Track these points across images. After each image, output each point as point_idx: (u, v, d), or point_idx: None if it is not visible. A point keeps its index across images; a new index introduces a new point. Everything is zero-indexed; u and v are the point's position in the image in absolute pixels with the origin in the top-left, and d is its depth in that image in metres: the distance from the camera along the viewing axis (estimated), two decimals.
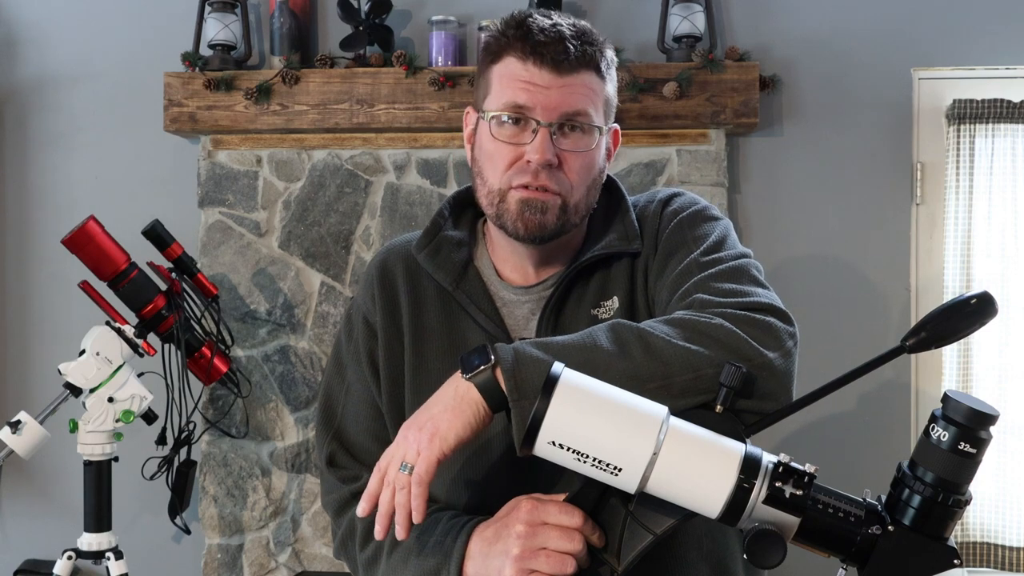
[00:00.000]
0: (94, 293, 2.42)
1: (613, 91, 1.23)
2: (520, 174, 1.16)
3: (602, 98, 1.19)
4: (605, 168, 1.24)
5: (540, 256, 1.24)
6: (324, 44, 2.94)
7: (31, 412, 2.34)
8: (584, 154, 1.17)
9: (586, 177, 1.19)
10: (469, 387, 1.00)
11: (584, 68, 1.16)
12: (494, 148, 1.18)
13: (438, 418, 1.00)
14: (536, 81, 1.15)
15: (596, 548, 1.00)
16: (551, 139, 1.15)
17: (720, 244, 1.18)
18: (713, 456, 0.89)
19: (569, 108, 1.15)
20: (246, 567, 2.85)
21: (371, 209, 2.84)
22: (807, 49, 2.85)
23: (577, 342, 1.03)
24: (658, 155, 2.78)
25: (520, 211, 1.17)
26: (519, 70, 1.16)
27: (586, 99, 1.16)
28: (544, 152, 1.14)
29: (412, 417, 1.03)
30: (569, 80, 1.15)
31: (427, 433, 0.99)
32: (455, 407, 1.00)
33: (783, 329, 1.04)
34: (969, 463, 0.86)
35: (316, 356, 2.86)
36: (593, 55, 1.17)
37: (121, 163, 3.02)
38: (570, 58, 1.14)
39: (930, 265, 2.82)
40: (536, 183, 1.16)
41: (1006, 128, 2.72)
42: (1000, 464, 2.72)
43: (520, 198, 1.17)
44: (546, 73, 1.15)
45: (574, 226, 1.21)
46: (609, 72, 1.21)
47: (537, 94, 1.15)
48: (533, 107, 1.15)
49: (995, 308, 0.89)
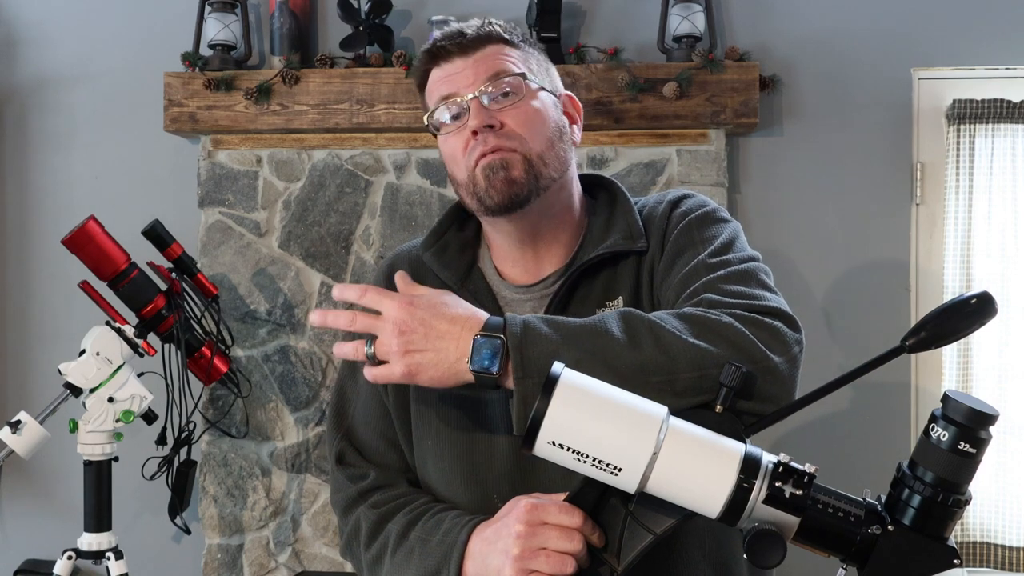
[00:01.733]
0: (94, 293, 2.42)
1: (540, 63, 1.27)
2: (473, 150, 1.19)
3: (522, 60, 1.23)
4: (566, 126, 1.26)
5: (531, 239, 1.24)
6: (324, 44, 2.95)
7: (31, 412, 2.34)
8: (521, 105, 1.20)
9: (538, 127, 1.21)
10: (466, 371, 1.02)
11: (489, 42, 1.22)
12: (448, 145, 1.23)
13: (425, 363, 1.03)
14: (450, 72, 1.21)
15: (596, 548, 1.00)
16: (483, 107, 1.19)
17: (729, 246, 1.18)
18: (713, 456, 0.89)
19: (487, 73, 1.20)
20: (246, 567, 2.85)
21: (371, 209, 2.84)
22: (807, 49, 2.85)
23: (588, 326, 1.03)
24: (658, 155, 2.78)
25: (487, 179, 1.19)
26: (436, 74, 1.24)
27: (501, 60, 1.21)
28: (479, 116, 1.18)
29: (415, 307, 1.05)
30: (477, 55, 1.21)
31: (407, 361, 1.03)
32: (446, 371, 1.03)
33: (790, 335, 1.05)
34: (969, 463, 0.86)
35: (316, 356, 2.86)
36: (493, 30, 1.23)
37: (121, 163, 3.02)
38: (470, 40, 1.21)
39: (930, 265, 2.82)
40: (487, 148, 1.18)
41: (1006, 128, 2.72)
42: (1000, 464, 2.72)
43: (483, 165, 1.19)
44: (456, 59, 1.22)
45: (551, 180, 1.21)
46: (525, 46, 1.25)
47: (455, 79, 1.21)
48: (456, 91, 1.20)
49: (995, 308, 0.89)
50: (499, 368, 1.00)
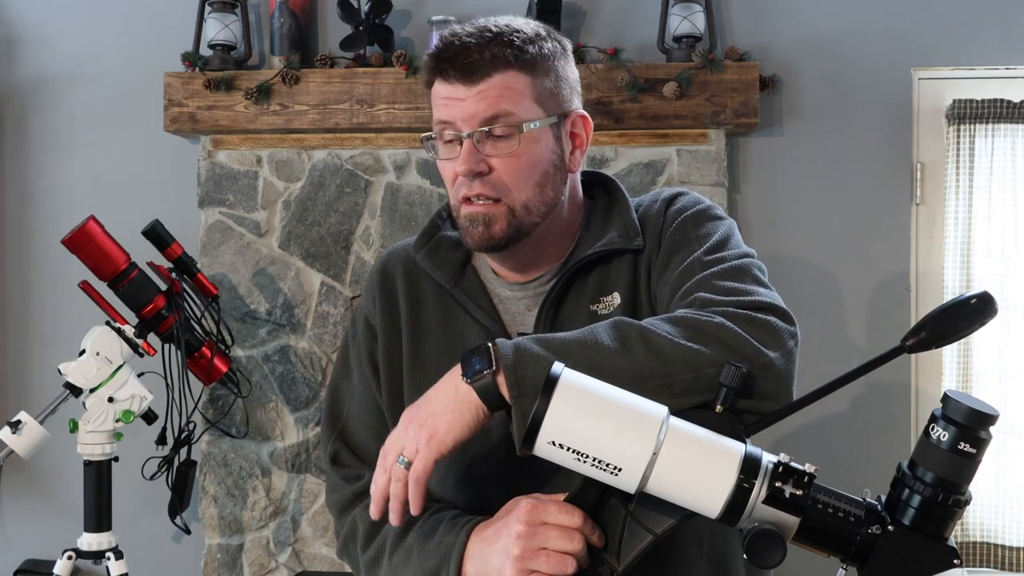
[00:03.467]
0: (94, 293, 2.42)
1: (557, 80, 1.20)
2: (460, 187, 1.18)
3: (530, 92, 1.17)
4: (562, 159, 1.22)
5: (518, 260, 1.24)
6: (324, 44, 2.95)
7: (31, 412, 2.34)
8: (514, 156, 1.16)
9: (526, 176, 1.18)
10: (469, 391, 1.00)
11: (495, 71, 1.15)
12: (440, 167, 1.22)
13: (438, 418, 1.00)
14: (452, 95, 1.17)
15: (596, 548, 1.00)
16: (475, 147, 1.16)
17: (723, 243, 1.18)
18: (713, 456, 0.89)
19: (485, 114, 1.15)
20: (246, 567, 2.85)
21: (371, 209, 2.84)
22: (807, 49, 2.85)
23: (578, 339, 1.03)
24: (658, 155, 2.78)
25: (467, 227, 1.19)
26: (440, 89, 1.18)
27: (504, 100, 1.15)
28: (467, 162, 1.16)
29: (414, 408, 1.04)
30: (480, 87, 1.15)
31: (426, 432, 1.00)
32: (455, 409, 1.00)
33: (784, 329, 1.04)
34: (969, 463, 0.86)
35: (316, 356, 2.86)
36: (503, 54, 1.15)
37: (121, 163, 3.02)
38: (475, 66, 1.15)
39: (930, 265, 2.82)
40: (471, 193, 1.17)
41: (1006, 128, 2.72)
42: (1000, 464, 2.72)
43: (465, 214, 1.19)
44: (459, 85, 1.16)
45: (534, 226, 1.20)
46: (540, 64, 1.18)
47: (455, 108, 1.16)
48: (453, 120, 1.17)
49: (995, 308, 0.89)
50: (492, 367, 1.00)
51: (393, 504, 1.02)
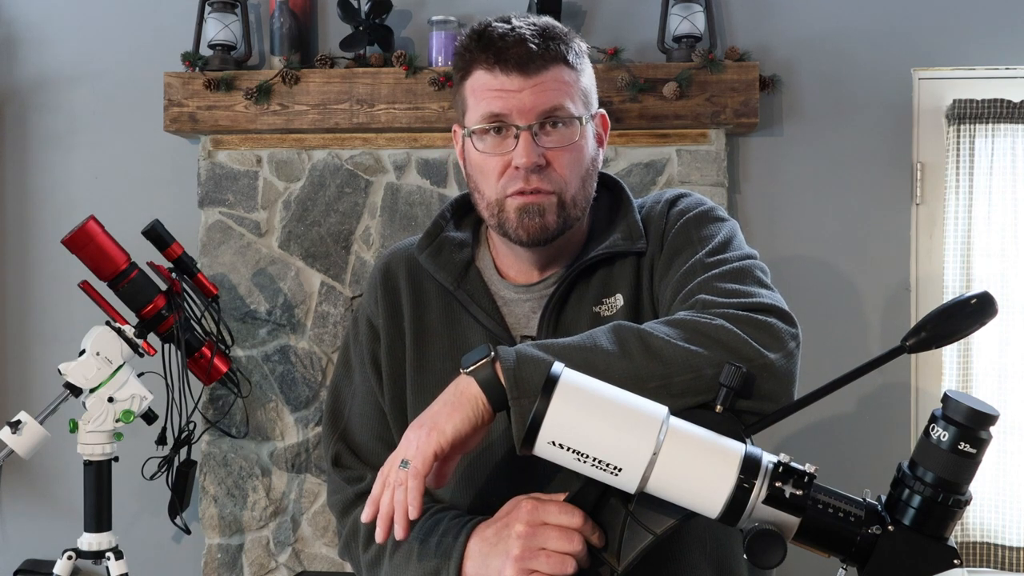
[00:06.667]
0: (94, 293, 2.42)
1: (589, 80, 1.24)
2: (512, 181, 1.17)
3: (577, 88, 1.20)
4: (598, 156, 1.25)
5: (544, 257, 1.25)
6: (324, 44, 2.94)
7: (31, 412, 2.34)
8: (570, 148, 1.18)
9: (578, 170, 1.20)
10: (469, 382, 1.00)
11: (552, 64, 1.17)
12: (482, 161, 1.19)
13: (437, 414, 1.00)
14: (507, 87, 1.16)
15: (596, 548, 1.00)
16: (534, 140, 1.16)
17: (726, 245, 1.18)
18: (713, 456, 0.89)
19: (545, 106, 1.16)
20: (246, 567, 2.85)
21: (371, 209, 2.84)
22: (807, 49, 2.85)
23: (578, 343, 1.03)
24: (658, 155, 2.78)
25: (519, 218, 1.18)
26: (489, 80, 1.17)
27: (560, 93, 1.17)
28: (529, 155, 1.15)
29: (415, 419, 1.04)
30: (539, 79, 1.16)
31: (425, 429, 1.00)
32: (454, 402, 1.00)
33: (785, 330, 1.04)
34: (969, 463, 0.86)
35: (316, 356, 2.86)
36: (558, 49, 1.18)
37: (121, 163, 3.02)
38: (534, 57, 1.16)
39: (930, 265, 2.82)
40: (529, 187, 1.17)
41: (1006, 128, 2.72)
42: (1000, 464, 2.72)
43: (517, 205, 1.18)
44: (515, 77, 1.16)
45: (576, 220, 1.22)
46: (580, 62, 1.21)
47: (510, 99, 1.16)
48: (509, 113, 1.16)
49: (995, 308, 0.89)
50: (491, 356, 1.00)
51: (398, 515, 0.98)
